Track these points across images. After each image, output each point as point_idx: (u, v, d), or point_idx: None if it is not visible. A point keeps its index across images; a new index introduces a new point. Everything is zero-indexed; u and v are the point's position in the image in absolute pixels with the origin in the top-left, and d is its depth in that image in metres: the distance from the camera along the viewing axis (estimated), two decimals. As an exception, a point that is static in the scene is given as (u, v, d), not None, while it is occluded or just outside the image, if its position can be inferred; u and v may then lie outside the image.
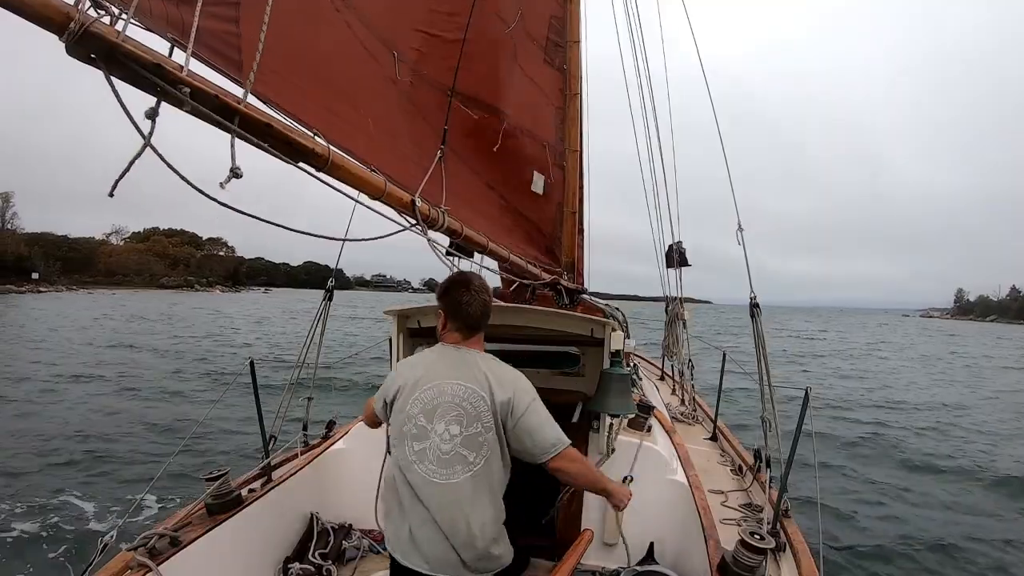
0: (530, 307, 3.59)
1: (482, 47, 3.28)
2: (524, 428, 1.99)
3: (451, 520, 1.93)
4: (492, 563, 2.02)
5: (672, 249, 6.12)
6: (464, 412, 1.97)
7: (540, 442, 1.99)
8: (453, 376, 2.04)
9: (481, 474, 1.97)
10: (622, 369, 3.15)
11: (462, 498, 1.94)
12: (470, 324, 2.13)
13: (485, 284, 2.19)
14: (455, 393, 2.00)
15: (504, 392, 2.00)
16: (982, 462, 9.82)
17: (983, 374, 24.89)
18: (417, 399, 2.03)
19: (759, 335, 3.24)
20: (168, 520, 2.44)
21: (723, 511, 3.00)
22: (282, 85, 1.64)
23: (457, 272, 2.26)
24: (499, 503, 2.06)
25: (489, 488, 2.00)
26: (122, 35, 1.08)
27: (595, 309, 4.59)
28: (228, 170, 1.32)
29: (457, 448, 1.95)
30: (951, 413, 14.54)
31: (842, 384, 19.08)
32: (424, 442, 1.98)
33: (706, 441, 4.33)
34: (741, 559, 2.29)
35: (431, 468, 1.96)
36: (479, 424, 1.97)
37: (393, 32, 2.57)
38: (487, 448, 1.97)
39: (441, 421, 1.97)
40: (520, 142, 3.91)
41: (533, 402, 2.04)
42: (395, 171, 2.13)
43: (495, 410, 1.98)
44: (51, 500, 5.96)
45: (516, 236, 3.83)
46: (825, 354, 31.54)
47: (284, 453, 3.35)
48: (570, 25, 4.79)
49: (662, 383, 6.71)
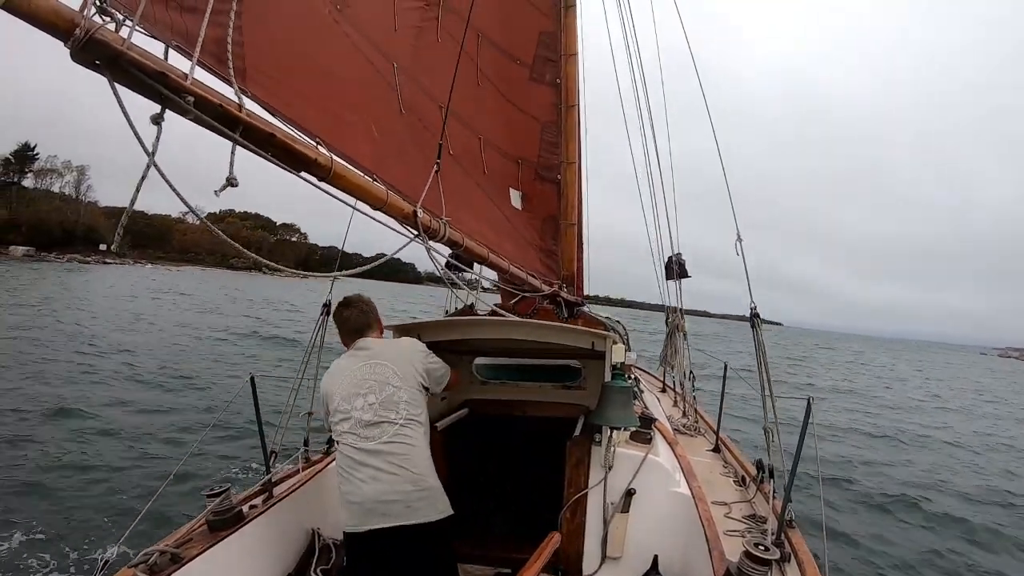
0: (531, 321, 3.59)
1: (463, 64, 3.34)
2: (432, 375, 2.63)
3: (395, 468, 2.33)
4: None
5: (672, 260, 6.12)
6: (376, 383, 2.43)
7: (439, 379, 2.72)
8: (360, 365, 2.50)
9: (407, 423, 2.40)
10: (624, 382, 3.14)
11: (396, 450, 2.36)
12: (351, 330, 2.64)
13: (364, 299, 2.72)
14: (366, 375, 2.46)
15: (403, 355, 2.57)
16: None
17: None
18: (344, 395, 2.44)
19: (759, 345, 3.25)
20: (169, 537, 2.40)
21: (727, 522, 2.97)
22: (285, 93, 1.64)
23: (343, 297, 2.75)
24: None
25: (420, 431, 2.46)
26: (127, 42, 1.08)
27: (596, 322, 4.59)
28: (224, 179, 1.33)
29: (378, 412, 2.37)
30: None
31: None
32: (350, 419, 2.41)
33: (709, 452, 4.30)
34: (746, 570, 2.26)
35: (363, 433, 2.37)
36: (389, 387, 2.42)
37: (388, 43, 2.59)
38: (403, 405, 2.42)
39: (359, 398, 2.41)
40: (496, 160, 3.93)
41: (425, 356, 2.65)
42: (397, 180, 2.13)
43: (400, 372, 2.48)
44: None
45: (516, 248, 3.84)
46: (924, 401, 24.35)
47: (285, 469, 3.32)
48: (566, 38, 4.83)
49: (663, 395, 6.68)
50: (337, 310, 2.68)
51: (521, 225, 4.17)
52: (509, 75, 4.17)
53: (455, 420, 3.60)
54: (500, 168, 4.01)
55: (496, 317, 3.55)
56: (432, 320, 3.60)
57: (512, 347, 3.51)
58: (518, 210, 4.19)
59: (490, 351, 4.13)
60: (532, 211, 4.39)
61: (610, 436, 3.12)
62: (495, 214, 3.74)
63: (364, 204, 2.01)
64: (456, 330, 3.39)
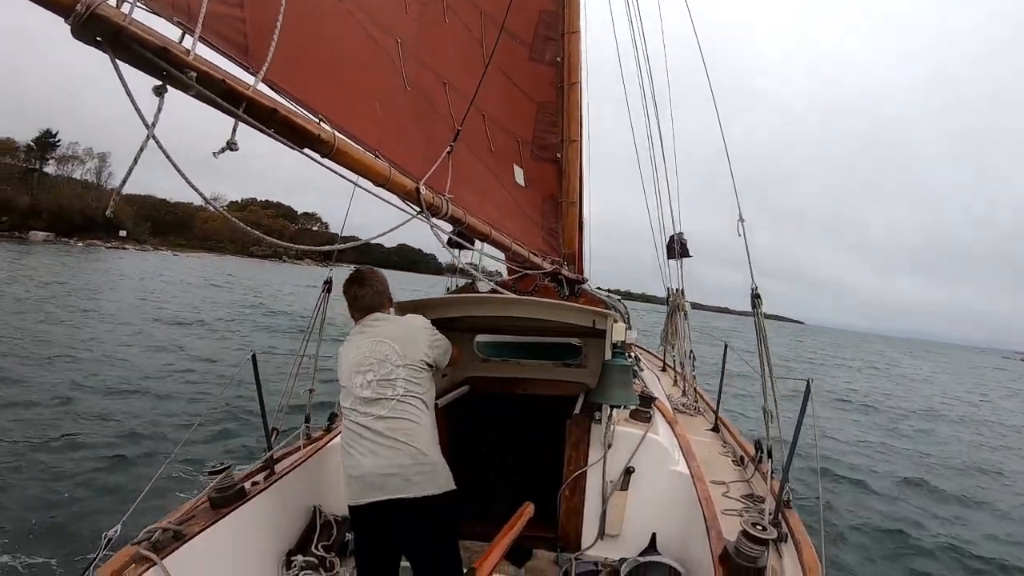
0: (532, 299, 3.59)
1: (466, 42, 3.30)
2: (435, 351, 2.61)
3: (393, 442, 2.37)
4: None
5: (673, 240, 6.12)
6: (376, 361, 2.46)
7: (443, 355, 2.68)
8: (366, 342, 2.53)
9: (405, 398, 2.43)
10: (624, 360, 3.15)
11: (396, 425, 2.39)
12: (363, 308, 2.63)
13: (377, 276, 2.70)
14: (368, 352, 2.49)
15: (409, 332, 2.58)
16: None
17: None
18: (347, 372, 2.50)
19: (760, 326, 3.25)
20: (172, 514, 2.43)
21: (725, 502, 3.01)
22: (288, 69, 1.62)
23: (355, 270, 2.69)
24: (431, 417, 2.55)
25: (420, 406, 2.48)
26: (128, 18, 1.07)
27: (597, 300, 4.59)
28: (225, 142, 1.32)
29: (376, 389, 2.41)
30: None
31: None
32: (351, 396, 2.47)
33: (708, 432, 4.34)
34: (743, 549, 2.29)
35: (363, 409, 2.42)
36: (388, 364, 2.44)
37: (392, 20, 2.55)
38: (401, 381, 2.44)
39: (359, 375, 2.45)
40: (500, 137, 3.91)
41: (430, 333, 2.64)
42: (400, 157, 2.12)
43: (402, 351, 2.48)
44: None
45: (518, 226, 3.83)
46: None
47: (286, 446, 3.34)
48: (569, 15, 4.76)
49: (664, 374, 6.72)
50: (349, 285, 2.65)
51: (523, 202, 4.16)
52: (510, 54, 4.13)
53: (456, 397, 3.62)
54: (504, 145, 3.99)
55: (497, 295, 3.55)
56: (434, 297, 3.60)
57: (513, 325, 3.51)
58: (521, 187, 4.18)
59: (491, 328, 4.14)
60: (534, 189, 4.37)
61: (610, 414, 3.14)
62: (498, 191, 3.72)
63: (367, 181, 2.01)
64: (457, 307, 3.39)
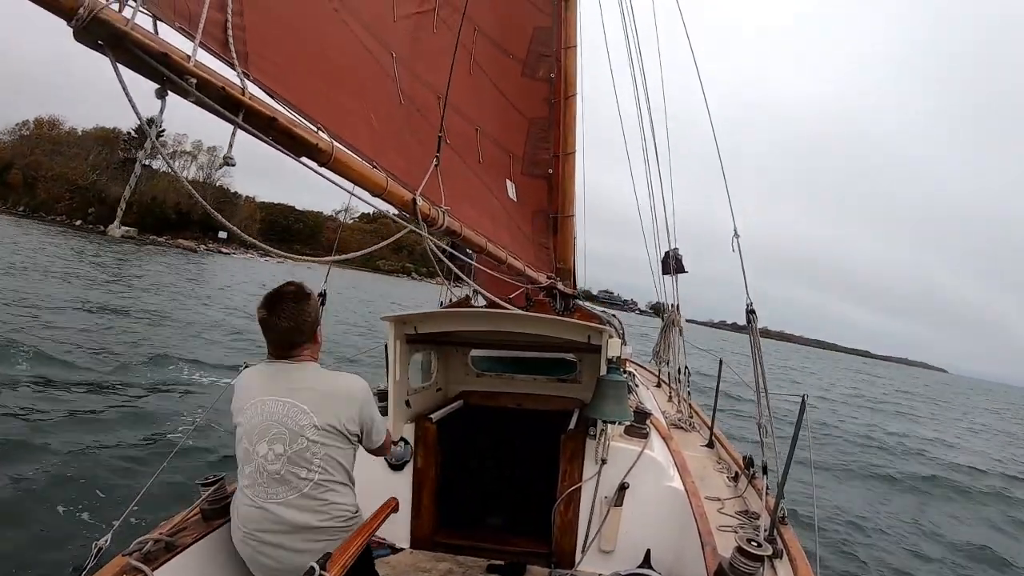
0: (528, 314, 3.59)
1: (459, 57, 3.33)
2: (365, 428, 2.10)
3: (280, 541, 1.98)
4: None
5: (668, 256, 6.12)
6: (288, 431, 1.92)
7: (373, 437, 2.15)
8: (270, 392, 1.98)
9: (318, 484, 1.97)
10: (619, 376, 3.15)
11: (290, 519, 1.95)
12: (277, 342, 2.02)
13: (303, 292, 2.03)
14: (274, 411, 1.95)
15: (336, 404, 2.01)
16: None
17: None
18: (243, 422, 2.00)
19: (754, 342, 3.26)
20: (163, 525, 2.39)
21: (720, 518, 2.99)
22: (286, 78, 1.63)
23: (275, 288, 2.04)
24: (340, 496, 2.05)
25: (328, 490, 2.01)
26: (131, 23, 1.07)
27: (592, 316, 4.60)
28: (222, 157, 1.32)
29: (286, 466, 1.93)
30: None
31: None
32: (251, 464, 1.97)
33: (703, 448, 4.32)
34: (738, 566, 2.27)
35: (267, 487, 1.95)
36: (303, 439, 1.93)
37: (387, 33, 2.58)
38: (318, 461, 1.96)
39: (263, 443, 1.93)
40: (493, 152, 3.93)
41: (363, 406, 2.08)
42: (396, 168, 2.13)
43: (320, 423, 1.95)
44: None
45: (512, 239, 3.83)
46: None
47: None
48: (565, 31, 4.81)
49: (658, 390, 6.70)
50: (262, 310, 1.99)
51: (516, 216, 4.17)
52: (503, 70, 4.16)
53: (450, 412, 3.60)
54: (496, 159, 4.00)
55: (492, 309, 3.55)
56: (427, 311, 3.59)
57: (508, 340, 3.50)
58: (514, 201, 4.19)
59: (486, 343, 4.13)
60: (522, 205, 4.39)
61: (604, 430, 3.13)
62: (492, 204, 3.73)
63: (363, 191, 2.01)
64: (452, 321, 3.39)
